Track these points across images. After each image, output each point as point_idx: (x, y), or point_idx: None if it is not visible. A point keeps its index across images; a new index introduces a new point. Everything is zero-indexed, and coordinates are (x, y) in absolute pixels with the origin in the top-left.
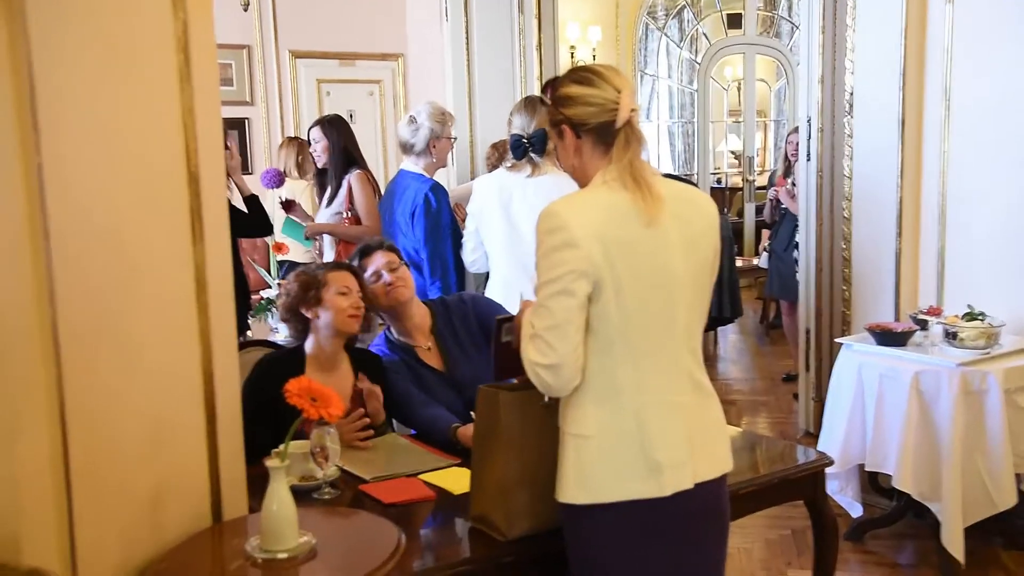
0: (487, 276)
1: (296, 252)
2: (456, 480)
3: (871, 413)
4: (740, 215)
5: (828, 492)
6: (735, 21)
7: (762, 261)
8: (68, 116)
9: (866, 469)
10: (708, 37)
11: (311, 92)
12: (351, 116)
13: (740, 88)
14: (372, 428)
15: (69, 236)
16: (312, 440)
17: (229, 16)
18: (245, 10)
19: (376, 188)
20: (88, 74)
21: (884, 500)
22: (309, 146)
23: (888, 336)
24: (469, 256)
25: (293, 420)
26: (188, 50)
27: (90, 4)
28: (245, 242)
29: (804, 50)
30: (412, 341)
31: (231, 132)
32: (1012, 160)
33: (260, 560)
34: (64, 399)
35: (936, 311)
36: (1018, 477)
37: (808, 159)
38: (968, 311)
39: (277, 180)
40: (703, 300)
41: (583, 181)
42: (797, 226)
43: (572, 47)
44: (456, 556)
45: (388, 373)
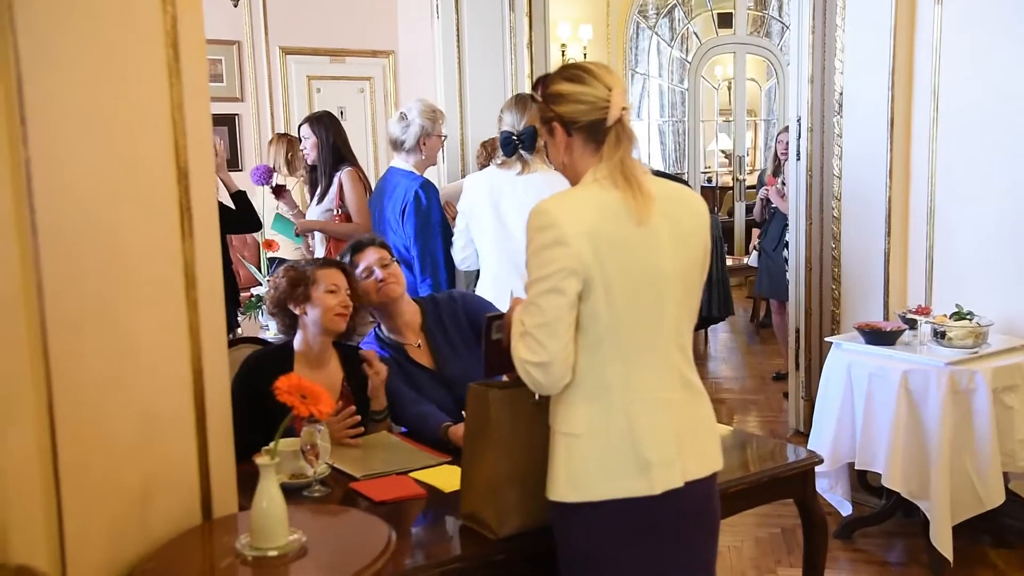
0: (477, 274)
1: (286, 249)
2: (447, 478)
3: (860, 412)
4: (730, 214)
5: (818, 490)
6: (726, 20)
7: (752, 260)
8: (56, 111)
9: (855, 467)
10: (699, 36)
11: (301, 89)
12: (342, 113)
13: (730, 87)
14: (376, 415)
15: (57, 231)
16: (302, 438)
17: (219, 12)
18: (235, 6)
19: (367, 185)
20: (76, 68)
21: (873, 498)
22: (299, 143)
23: (877, 335)
24: (459, 254)
25: (283, 417)
26: (177, 45)
27: None
28: (235, 239)
29: (794, 50)
30: (402, 339)
31: (219, 128)
32: (1001, 160)
33: (250, 558)
34: (52, 394)
35: (925, 310)
36: (1006, 475)
37: (798, 159)
38: (956, 310)
39: (267, 177)
40: (693, 298)
41: (574, 179)
42: (787, 225)
43: (563, 45)
44: (447, 554)
45: None
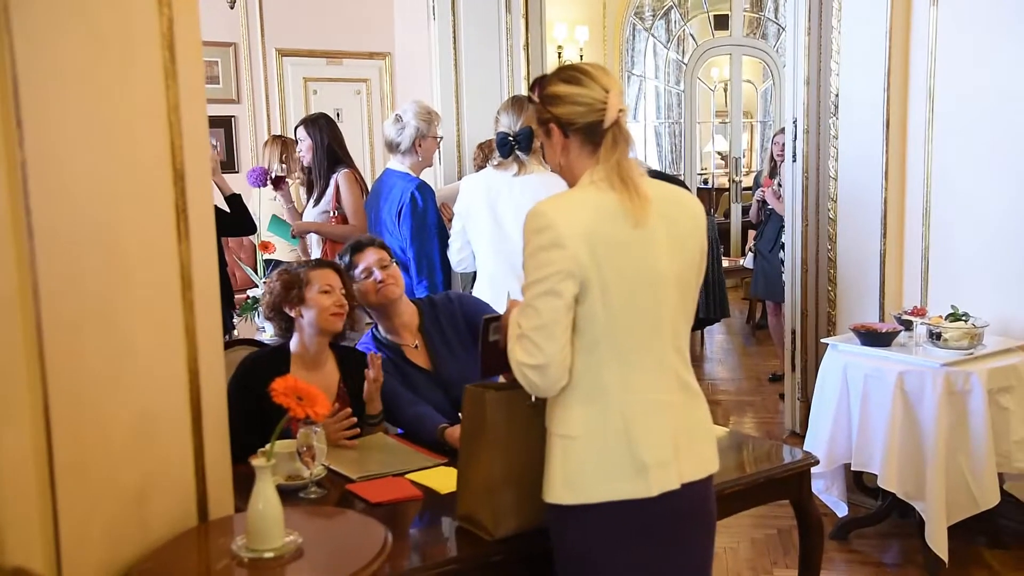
0: (474, 276)
1: (282, 251)
2: (443, 479)
3: (856, 413)
4: (727, 216)
5: (814, 491)
6: (722, 22)
7: (748, 262)
8: (52, 113)
9: (851, 469)
10: (695, 38)
11: (298, 90)
12: (338, 115)
13: (727, 89)
14: (371, 419)
15: (53, 233)
16: (298, 439)
17: (215, 13)
18: (232, 7)
19: (364, 187)
20: (72, 70)
21: (869, 499)
22: (294, 145)
23: (873, 336)
24: (456, 256)
25: (279, 419)
26: (173, 47)
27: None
28: (232, 241)
29: (790, 51)
30: (400, 339)
31: (216, 130)
32: (997, 161)
33: (246, 559)
34: (48, 395)
35: (920, 312)
36: (1001, 476)
37: (794, 160)
38: (952, 312)
39: (263, 179)
40: (690, 300)
41: (570, 180)
42: (783, 227)
43: (559, 47)
44: (443, 555)
45: None
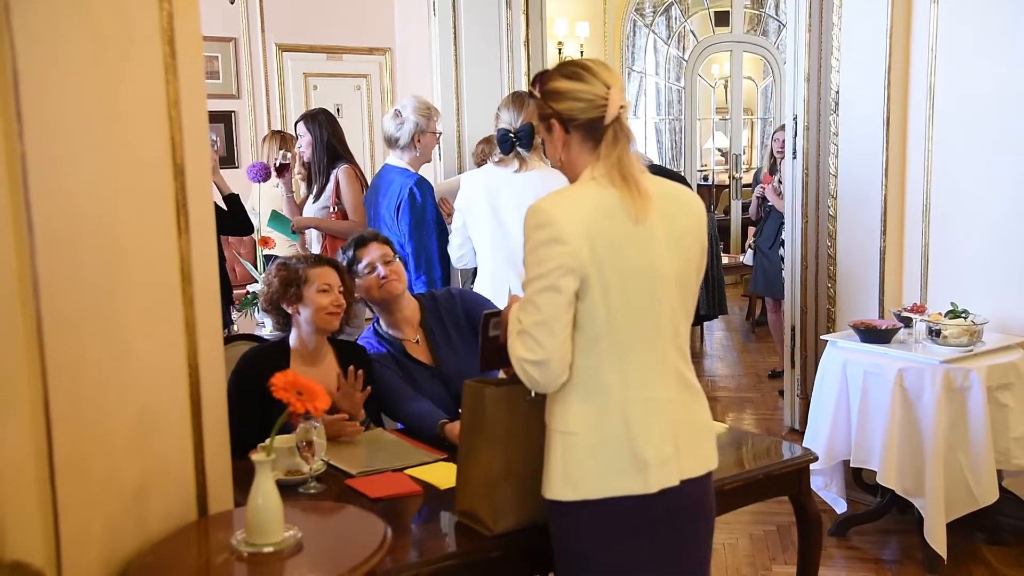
0: (474, 271)
1: (282, 246)
2: (442, 475)
3: (855, 410)
4: (726, 212)
5: (813, 488)
6: (722, 19)
7: (747, 258)
8: (52, 106)
9: (851, 465)
10: (695, 34)
11: (298, 86)
12: (338, 110)
13: (727, 85)
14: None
15: (53, 228)
16: (298, 434)
17: (215, 8)
18: (232, 3)
19: (364, 183)
20: (72, 64)
21: (868, 496)
22: (293, 140)
23: (872, 333)
24: (456, 252)
25: (279, 414)
26: (174, 42)
27: None
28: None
29: (791, 48)
30: (401, 334)
31: (216, 126)
32: (996, 159)
33: (246, 554)
34: (48, 390)
35: (920, 309)
36: (1000, 473)
37: (794, 157)
38: (951, 309)
39: (263, 174)
40: (690, 297)
41: (571, 176)
42: (783, 224)
43: (560, 43)
44: (442, 551)
45: (375, 366)
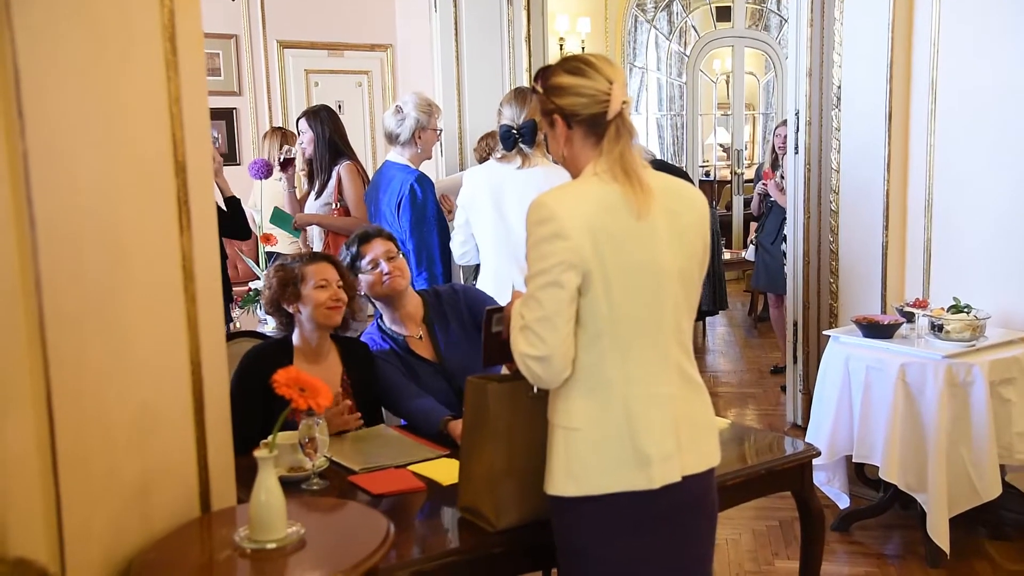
0: (477, 268)
1: (283, 243)
2: (445, 471)
3: (858, 405)
4: (728, 208)
5: (815, 483)
6: (724, 14)
7: (749, 254)
8: (53, 104)
9: (853, 460)
10: (697, 30)
11: (299, 82)
12: (339, 107)
13: (729, 81)
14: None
15: (55, 225)
16: (301, 431)
17: (216, 5)
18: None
19: (366, 179)
20: (74, 61)
21: (871, 491)
22: (294, 137)
23: (875, 328)
24: (459, 248)
25: (281, 411)
26: (175, 39)
27: None
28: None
29: (792, 43)
30: (404, 330)
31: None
32: (999, 154)
33: (249, 550)
34: (51, 386)
35: (922, 304)
36: (1002, 468)
37: (796, 152)
38: (954, 304)
39: (265, 171)
40: (693, 293)
41: (574, 172)
42: (784, 219)
43: (561, 39)
44: (445, 546)
45: (378, 362)
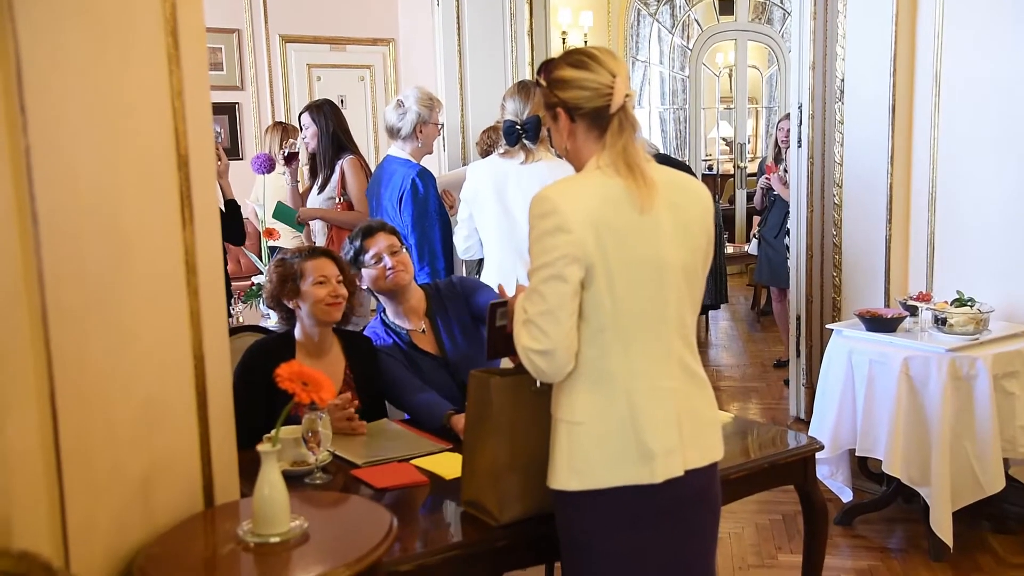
0: (480, 263)
1: (286, 238)
2: (448, 465)
3: (861, 399)
4: (731, 202)
5: (818, 477)
6: (727, 7)
7: (752, 248)
8: (56, 99)
9: (856, 454)
10: (700, 23)
11: (302, 77)
12: (342, 101)
13: (732, 74)
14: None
15: (58, 219)
16: (303, 425)
17: None
18: None
19: (368, 174)
20: (76, 56)
21: (874, 485)
22: (297, 131)
23: (878, 322)
24: (462, 243)
25: (284, 405)
26: (177, 33)
27: None
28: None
29: (795, 37)
30: (407, 324)
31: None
32: (1002, 147)
33: (252, 544)
34: (54, 381)
35: (926, 297)
36: (1006, 462)
37: (799, 146)
38: (957, 297)
39: (268, 165)
40: (696, 287)
41: (577, 165)
42: (787, 213)
43: (564, 32)
44: (448, 540)
45: (381, 356)
